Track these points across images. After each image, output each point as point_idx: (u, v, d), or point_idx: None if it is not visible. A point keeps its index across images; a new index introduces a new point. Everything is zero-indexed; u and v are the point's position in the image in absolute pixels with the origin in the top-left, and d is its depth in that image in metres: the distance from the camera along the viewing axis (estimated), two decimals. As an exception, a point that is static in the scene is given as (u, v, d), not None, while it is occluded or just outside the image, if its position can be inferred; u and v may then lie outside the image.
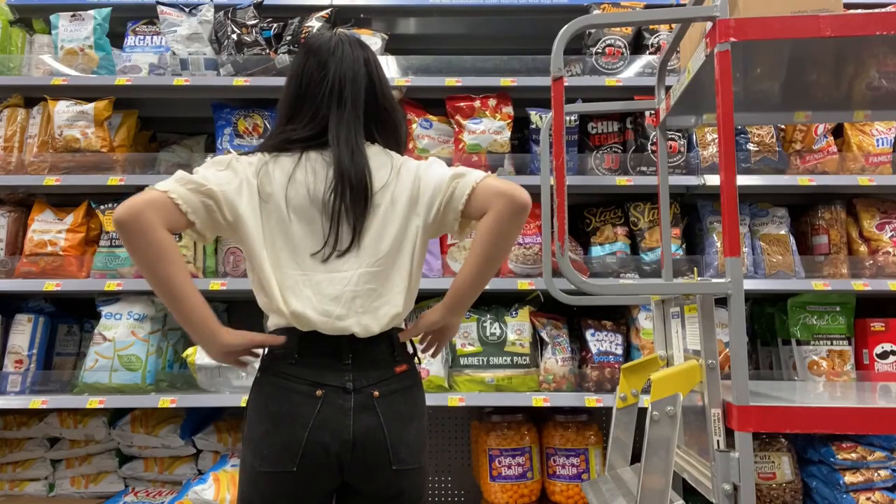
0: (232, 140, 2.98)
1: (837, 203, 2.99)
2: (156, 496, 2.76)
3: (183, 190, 1.32)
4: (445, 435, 3.38)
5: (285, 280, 1.39)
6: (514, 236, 1.42)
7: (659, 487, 1.54)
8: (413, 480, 1.42)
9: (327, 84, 1.46)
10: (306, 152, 1.45)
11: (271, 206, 1.40)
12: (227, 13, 3.04)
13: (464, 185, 1.42)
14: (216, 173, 1.38)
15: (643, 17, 2.05)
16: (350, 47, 1.52)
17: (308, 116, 1.47)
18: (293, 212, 1.40)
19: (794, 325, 2.86)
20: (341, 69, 1.48)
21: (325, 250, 1.40)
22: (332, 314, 1.37)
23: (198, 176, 1.36)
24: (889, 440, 2.59)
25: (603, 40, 3.03)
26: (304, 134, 1.46)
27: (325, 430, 1.34)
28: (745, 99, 1.98)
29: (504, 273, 2.84)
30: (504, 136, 2.91)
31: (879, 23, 1.48)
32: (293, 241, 1.40)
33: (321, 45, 1.52)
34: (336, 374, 1.37)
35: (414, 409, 1.45)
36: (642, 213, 2.98)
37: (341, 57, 1.49)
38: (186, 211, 1.32)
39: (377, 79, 1.53)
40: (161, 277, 1.29)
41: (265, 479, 1.36)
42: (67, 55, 2.99)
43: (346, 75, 1.48)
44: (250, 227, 1.38)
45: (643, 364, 2.02)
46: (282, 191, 1.40)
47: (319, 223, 1.41)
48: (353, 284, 1.39)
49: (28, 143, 2.97)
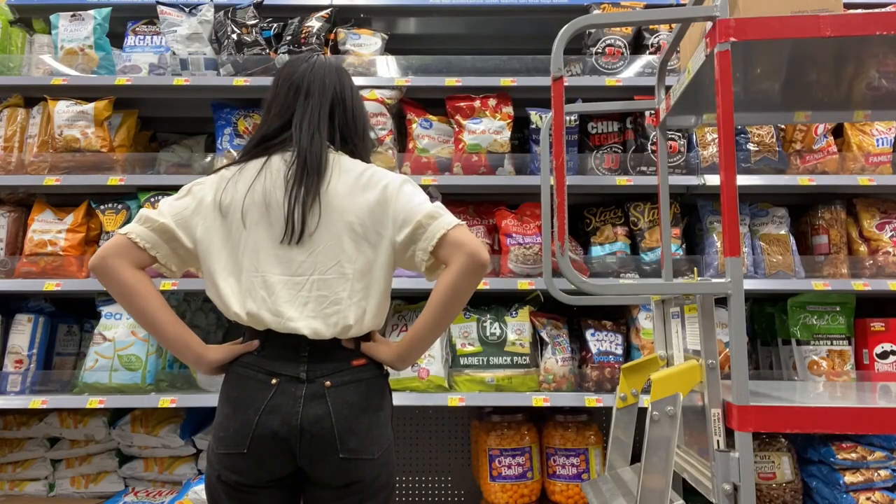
0: (232, 140, 2.98)
1: (837, 203, 2.99)
2: (156, 496, 2.76)
3: (141, 229, 1.47)
4: (445, 435, 3.38)
5: (241, 284, 1.47)
6: (470, 293, 1.48)
7: (659, 487, 1.54)
8: (366, 470, 1.45)
9: (296, 85, 1.58)
10: (270, 159, 1.53)
11: (230, 219, 1.49)
12: (227, 13, 3.04)
13: (436, 227, 1.47)
14: (174, 203, 1.52)
15: (643, 17, 2.04)
16: (325, 61, 1.64)
17: (277, 114, 1.58)
18: (250, 218, 1.48)
19: (794, 324, 2.86)
20: (311, 74, 1.59)
21: (284, 239, 1.47)
22: (283, 315, 1.44)
23: (156, 212, 1.50)
24: (889, 440, 2.59)
25: (603, 40, 3.03)
26: (273, 127, 1.56)
27: (276, 415, 1.41)
28: (745, 99, 1.98)
29: (504, 273, 2.84)
30: (504, 135, 2.91)
31: (879, 23, 1.48)
32: (250, 246, 1.48)
33: (299, 58, 1.66)
34: (292, 365, 1.45)
35: (368, 400, 1.48)
36: (642, 213, 2.98)
37: (314, 64, 1.61)
38: (146, 247, 1.46)
39: (349, 89, 1.63)
40: (137, 312, 1.46)
41: (221, 460, 1.44)
42: (67, 55, 2.99)
43: (315, 77, 1.58)
44: (205, 247, 1.49)
45: (643, 364, 2.02)
46: (240, 202, 1.49)
47: (278, 224, 1.47)
48: (305, 290, 1.46)
49: (28, 143, 2.97)
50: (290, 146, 1.52)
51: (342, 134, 1.59)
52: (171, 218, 1.49)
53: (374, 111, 2.91)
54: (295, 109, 1.56)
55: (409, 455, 3.37)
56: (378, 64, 3.05)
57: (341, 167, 1.53)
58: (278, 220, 1.47)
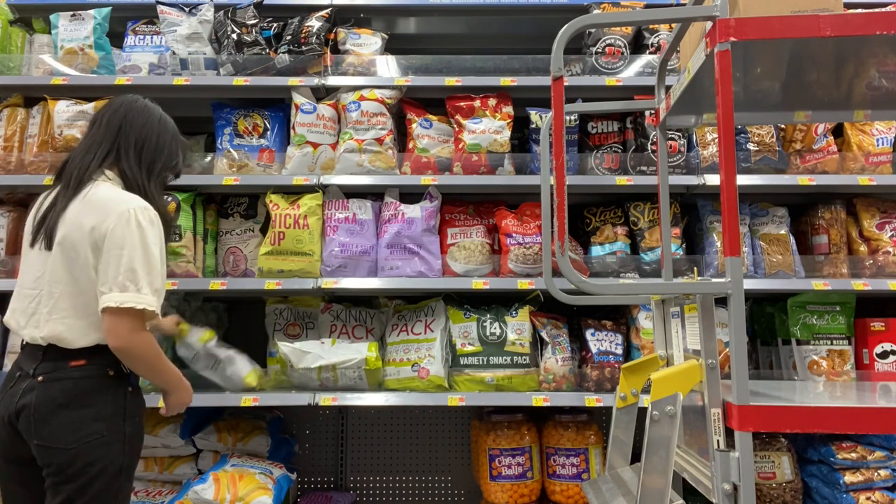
0: (232, 140, 2.98)
1: (837, 203, 2.99)
2: (156, 496, 2.76)
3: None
4: (445, 435, 3.38)
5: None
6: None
7: (659, 487, 1.54)
8: (60, 457, 1.65)
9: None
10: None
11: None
12: (227, 13, 3.04)
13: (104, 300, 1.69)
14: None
15: (643, 16, 2.04)
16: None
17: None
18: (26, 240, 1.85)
19: (794, 324, 2.86)
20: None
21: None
22: (20, 323, 1.77)
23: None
24: (889, 440, 2.59)
25: (603, 40, 3.03)
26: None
27: (7, 401, 1.71)
28: (745, 99, 1.98)
29: (504, 273, 2.84)
30: (504, 135, 2.91)
31: (879, 22, 1.48)
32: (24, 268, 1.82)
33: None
34: (30, 361, 1.73)
35: (72, 398, 1.68)
36: (642, 212, 2.98)
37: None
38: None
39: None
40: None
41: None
42: (67, 55, 2.99)
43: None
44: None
45: (643, 364, 2.02)
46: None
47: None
48: (34, 302, 1.75)
49: (28, 142, 2.97)
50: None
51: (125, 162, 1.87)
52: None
53: (375, 111, 2.91)
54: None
55: (409, 455, 3.37)
56: (378, 64, 3.05)
57: (103, 195, 1.78)
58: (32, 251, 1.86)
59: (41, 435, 1.66)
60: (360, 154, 2.87)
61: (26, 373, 1.71)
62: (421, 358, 2.77)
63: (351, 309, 3.06)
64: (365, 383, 2.77)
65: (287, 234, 2.78)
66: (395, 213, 2.88)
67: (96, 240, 1.70)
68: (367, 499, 3.34)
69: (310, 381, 2.76)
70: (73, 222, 1.73)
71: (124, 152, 1.85)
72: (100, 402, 1.71)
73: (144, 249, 1.71)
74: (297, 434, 3.38)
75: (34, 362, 1.71)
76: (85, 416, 1.68)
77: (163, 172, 1.94)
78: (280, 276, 2.79)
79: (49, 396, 1.67)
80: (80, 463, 1.66)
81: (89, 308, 1.72)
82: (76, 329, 1.71)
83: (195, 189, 2.91)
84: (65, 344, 1.70)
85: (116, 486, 1.72)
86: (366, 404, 2.78)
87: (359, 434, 3.39)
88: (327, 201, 2.92)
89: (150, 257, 1.72)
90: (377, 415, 3.40)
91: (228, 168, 2.93)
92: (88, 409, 1.69)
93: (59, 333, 1.70)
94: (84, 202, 1.75)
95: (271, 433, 3.00)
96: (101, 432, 1.69)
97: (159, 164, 1.91)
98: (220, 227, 3.02)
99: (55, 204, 1.78)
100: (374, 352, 2.74)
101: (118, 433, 1.72)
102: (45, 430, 1.66)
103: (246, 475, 2.59)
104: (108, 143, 1.85)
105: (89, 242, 1.71)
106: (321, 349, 2.76)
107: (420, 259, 2.83)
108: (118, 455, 1.71)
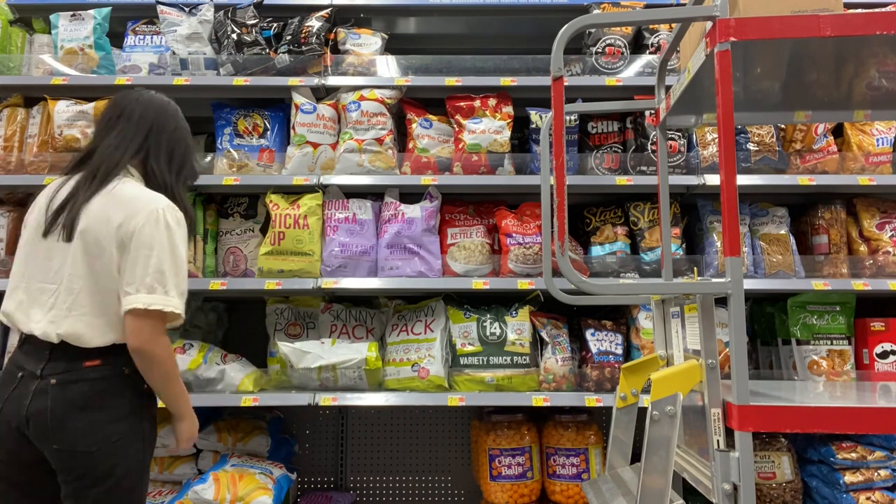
0: (232, 140, 2.98)
1: (837, 203, 2.99)
2: (156, 496, 2.76)
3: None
4: (445, 435, 3.38)
5: (10, 284, 1.76)
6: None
7: (659, 487, 1.54)
8: (82, 461, 1.60)
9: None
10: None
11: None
12: (227, 13, 3.04)
13: (127, 301, 1.65)
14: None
15: (643, 16, 2.04)
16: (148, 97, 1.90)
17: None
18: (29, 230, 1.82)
19: (794, 324, 2.86)
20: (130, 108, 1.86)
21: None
22: (29, 316, 1.69)
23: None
24: (889, 440, 2.59)
25: (603, 40, 3.03)
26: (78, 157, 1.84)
27: (13, 405, 1.63)
28: (745, 99, 1.98)
29: (504, 273, 2.84)
30: (504, 135, 2.91)
31: (879, 22, 1.48)
32: (31, 259, 1.74)
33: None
34: (34, 360, 1.65)
35: (90, 399, 1.63)
36: (642, 212, 2.98)
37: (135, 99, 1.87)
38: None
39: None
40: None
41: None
42: (67, 55, 2.99)
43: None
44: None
45: (643, 364, 2.03)
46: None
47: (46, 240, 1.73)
48: (52, 297, 1.67)
49: (28, 142, 2.97)
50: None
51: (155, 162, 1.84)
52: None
53: (375, 111, 2.91)
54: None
55: (409, 455, 3.37)
56: (378, 64, 3.05)
57: (127, 193, 1.74)
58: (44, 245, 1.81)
59: (60, 439, 1.59)
60: (360, 154, 2.87)
61: (31, 373, 1.63)
62: (421, 358, 2.77)
63: (351, 309, 3.07)
64: (365, 383, 2.77)
65: (287, 234, 2.78)
66: (395, 213, 2.88)
67: (122, 237, 1.65)
68: (367, 499, 3.34)
69: (310, 381, 2.77)
70: (98, 216, 1.67)
71: (154, 152, 1.82)
72: (118, 402, 1.67)
73: (172, 251, 1.68)
74: (297, 434, 3.38)
75: (40, 361, 1.63)
76: (104, 418, 1.64)
77: (189, 176, 1.92)
78: (280, 276, 2.79)
79: (66, 399, 1.60)
80: (106, 465, 1.62)
81: (107, 306, 1.67)
82: (94, 327, 1.65)
83: (195, 189, 2.91)
84: (81, 343, 1.64)
85: (141, 485, 1.71)
86: (366, 404, 2.78)
87: (359, 434, 3.39)
88: (327, 201, 2.92)
89: (178, 259, 1.69)
90: (377, 415, 3.40)
91: (228, 168, 2.93)
92: (108, 411, 1.65)
93: (78, 331, 1.64)
94: (110, 196, 1.70)
95: (271, 433, 3.00)
96: (123, 432, 1.66)
97: (187, 168, 1.90)
98: (220, 227, 3.02)
99: (75, 194, 1.71)
100: (374, 352, 2.75)
101: (138, 432, 1.70)
102: (63, 434, 1.60)
103: (246, 475, 2.59)
104: (140, 140, 1.81)
105: (115, 239, 1.65)
106: (321, 349, 2.76)
107: (420, 259, 2.83)
108: (139, 453, 1.69)
